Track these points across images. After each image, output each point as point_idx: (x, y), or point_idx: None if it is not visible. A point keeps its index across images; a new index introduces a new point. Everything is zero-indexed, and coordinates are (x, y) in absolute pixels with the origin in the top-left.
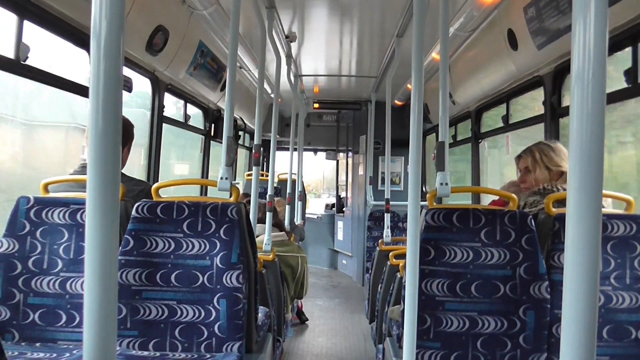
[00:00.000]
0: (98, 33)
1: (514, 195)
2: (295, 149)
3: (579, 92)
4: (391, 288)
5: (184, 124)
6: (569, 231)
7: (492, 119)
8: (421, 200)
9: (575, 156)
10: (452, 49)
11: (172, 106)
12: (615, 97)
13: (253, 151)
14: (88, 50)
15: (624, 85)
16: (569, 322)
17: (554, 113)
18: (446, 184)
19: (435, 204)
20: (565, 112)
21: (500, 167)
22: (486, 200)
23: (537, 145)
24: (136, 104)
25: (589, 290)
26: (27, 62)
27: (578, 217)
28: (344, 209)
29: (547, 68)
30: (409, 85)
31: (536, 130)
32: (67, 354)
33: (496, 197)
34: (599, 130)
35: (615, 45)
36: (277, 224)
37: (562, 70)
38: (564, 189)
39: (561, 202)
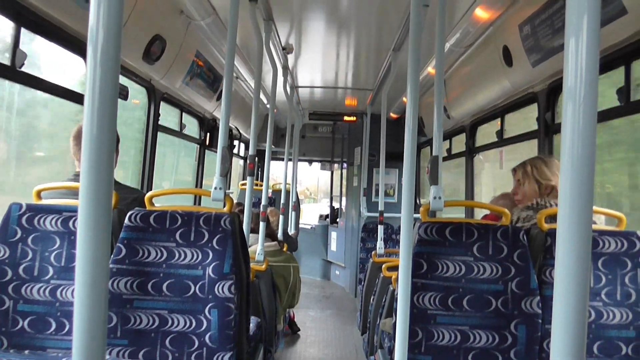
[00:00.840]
0: (95, 41)
1: (506, 210)
2: (290, 160)
3: (570, 110)
4: (383, 300)
5: (179, 133)
6: (559, 247)
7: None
8: (415, 213)
9: (566, 173)
10: (447, 64)
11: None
12: (607, 115)
13: (247, 161)
14: (84, 58)
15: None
16: (559, 338)
17: (548, 129)
18: (440, 197)
19: (428, 217)
20: (559, 128)
21: (494, 181)
22: (479, 213)
23: (532, 158)
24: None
25: (579, 306)
26: (23, 69)
27: (568, 233)
28: (337, 219)
29: (541, 85)
30: (404, 99)
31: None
32: None
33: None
34: (590, 148)
35: (608, 64)
36: (270, 234)
37: (556, 88)
38: (557, 205)
39: (554, 218)
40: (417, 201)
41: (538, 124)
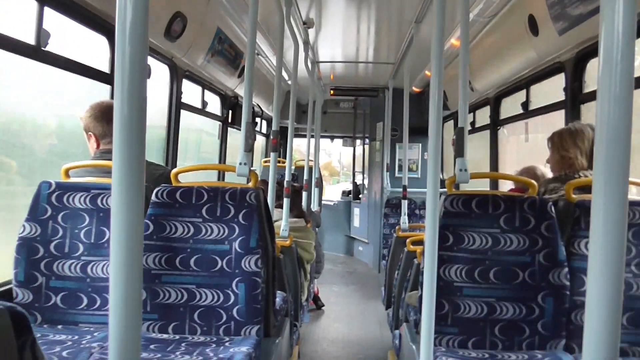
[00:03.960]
0: (123, 19)
1: (533, 182)
2: (312, 136)
3: (606, 76)
4: (408, 274)
5: (202, 111)
6: (593, 218)
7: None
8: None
9: (602, 141)
10: (471, 35)
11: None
12: None
13: (271, 137)
14: (108, 37)
15: None
16: (594, 310)
17: (575, 99)
18: (465, 170)
19: (453, 190)
20: (587, 98)
21: (518, 155)
22: (504, 187)
23: (564, 127)
24: None
25: (614, 278)
26: (48, 49)
27: (604, 204)
28: (360, 195)
29: (569, 54)
30: (427, 72)
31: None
32: (89, 336)
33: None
34: (627, 115)
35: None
36: (299, 213)
37: (584, 56)
38: (586, 176)
39: (582, 189)
40: (441, 176)
41: (565, 94)
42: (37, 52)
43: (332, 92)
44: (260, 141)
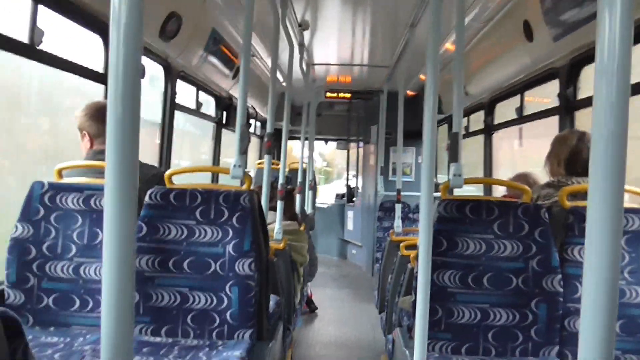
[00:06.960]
0: (118, 18)
1: (527, 188)
2: (306, 138)
3: (603, 83)
4: (402, 278)
5: (196, 112)
6: (589, 225)
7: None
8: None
9: (598, 149)
10: (466, 40)
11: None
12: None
13: (265, 140)
14: (102, 36)
15: None
16: (589, 316)
17: (569, 106)
18: (459, 175)
19: (447, 195)
20: (581, 104)
21: (512, 161)
22: (498, 193)
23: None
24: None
25: (609, 285)
26: (41, 47)
27: (600, 211)
28: (354, 198)
29: (563, 60)
30: (421, 76)
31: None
32: (81, 339)
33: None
34: (623, 123)
35: (636, 37)
36: (292, 216)
37: (578, 63)
38: (579, 182)
39: (575, 195)
40: (435, 180)
41: (559, 100)
42: (30, 50)
43: (327, 94)
44: (254, 142)
